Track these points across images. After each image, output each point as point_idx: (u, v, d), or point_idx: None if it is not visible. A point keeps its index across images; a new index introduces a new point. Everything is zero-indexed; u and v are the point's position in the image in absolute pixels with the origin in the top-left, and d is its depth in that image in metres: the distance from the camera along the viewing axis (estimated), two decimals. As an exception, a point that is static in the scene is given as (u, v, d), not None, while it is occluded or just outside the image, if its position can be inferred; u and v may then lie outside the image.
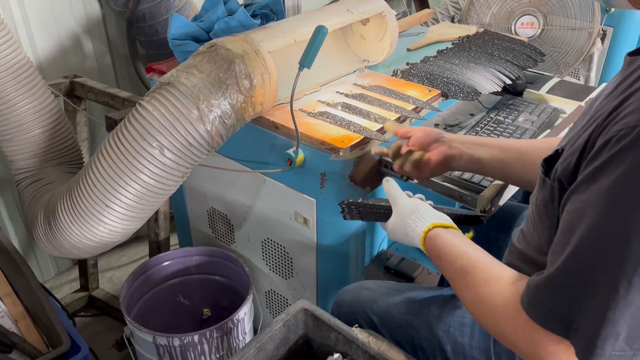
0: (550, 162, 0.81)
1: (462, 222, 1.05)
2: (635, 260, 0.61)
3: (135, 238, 2.27)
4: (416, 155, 1.08)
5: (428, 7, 2.62)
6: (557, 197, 0.77)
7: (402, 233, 0.97)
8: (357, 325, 0.93)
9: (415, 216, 0.95)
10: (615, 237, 0.63)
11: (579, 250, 0.66)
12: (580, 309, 0.65)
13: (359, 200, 1.05)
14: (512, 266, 0.95)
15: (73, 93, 1.72)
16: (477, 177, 1.18)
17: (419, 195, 1.05)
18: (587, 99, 1.50)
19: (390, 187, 1.01)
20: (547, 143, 1.06)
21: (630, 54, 0.76)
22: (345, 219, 1.08)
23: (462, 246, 0.87)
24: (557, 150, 0.80)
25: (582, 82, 2.27)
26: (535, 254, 0.89)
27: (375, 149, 1.18)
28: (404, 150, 1.10)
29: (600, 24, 2.10)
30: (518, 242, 0.97)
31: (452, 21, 2.37)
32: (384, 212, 1.02)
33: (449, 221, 0.94)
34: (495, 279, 0.79)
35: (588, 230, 0.65)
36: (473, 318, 1.02)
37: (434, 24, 2.13)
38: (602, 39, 2.19)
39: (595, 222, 0.64)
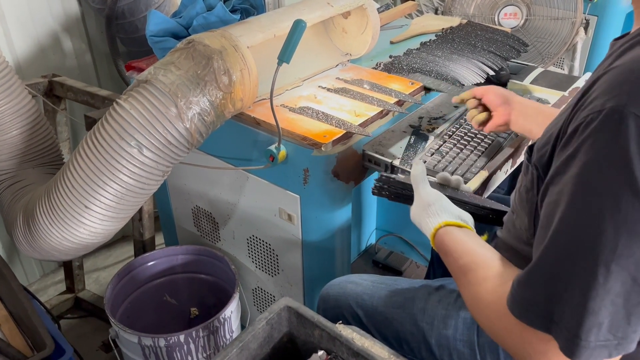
0: (533, 148, 0.81)
1: (487, 219, 1.02)
2: (611, 246, 0.61)
3: (122, 238, 2.25)
4: (480, 116, 1.19)
5: (412, -1, 2.61)
6: (536, 185, 0.77)
7: (418, 223, 0.97)
8: (340, 321, 0.92)
9: (430, 210, 0.94)
10: (588, 225, 0.62)
11: (554, 242, 0.65)
12: (560, 300, 0.65)
13: (395, 178, 1.06)
14: None
15: (52, 92, 1.70)
16: (460, 170, 1.17)
17: (456, 177, 1.07)
18: (570, 88, 1.50)
19: (415, 173, 1.00)
20: None
21: (616, 39, 0.76)
22: (373, 194, 1.09)
23: (469, 244, 0.86)
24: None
25: (566, 71, 2.27)
26: (516, 242, 0.89)
27: (455, 98, 1.25)
28: (471, 106, 1.22)
29: (584, 13, 2.10)
30: (500, 231, 0.97)
31: (436, 13, 2.36)
32: (411, 197, 1.01)
33: (464, 220, 0.92)
34: (493, 277, 0.78)
35: (561, 221, 0.65)
36: (457, 310, 1.02)
37: (418, 15, 2.12)
38: (586, 29, 2.19)
39: (568, 211, 0.64)
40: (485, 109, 1.20)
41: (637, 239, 0.60)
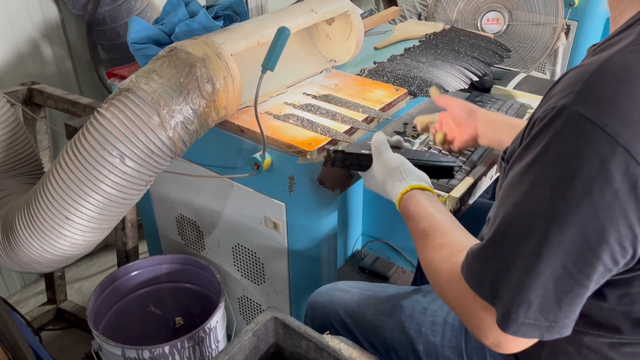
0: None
1: (436, 174, 1.08)
2: (544, 232, 0.65)
3: (105, 247, 2.22)
4: (438, 136, 1.22)
5: (396, 4, 2.62)
6: (505, 177, 0.80)
7: (381, 187, 1.03)
8: (328, 332, 0.91)
9: (396, 175, 0.99)
10: (529, 210, 0.67)
11: (504, 222, 0.70)
12: (503, 277, 0.69)
13: (345, 150, 1.09)
14: None
15: (31, 100, 1.67)
16: (446, 176, 1.17)
17: (396, 137, 1.11)
18: (552, 93, 1.51)
19: (378, 139, 1.06)
20: None
21: (593, 45, 0.78)
22: (325, 166, 1.12)
23: (430, 209, 0.91)
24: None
25: (548, 76, 2.29)
26: None
27: (419, 123, 1.29)
28: (432, 130, 1.26)
29: (565, 19, 2.13)
30: (484, 232, 0.98)
31: (419, 18, 2.37)
32: (366, 164, 1.06)
33: (427, 183, 0.98)
34: (448, 245, 0.84)
35: (509, 205, 0.70)
36: (444, 317, 1.02)
37: (401, 21, 2.12)
38: (567, 34, 2.22)
39: (515, 197, 0.69)
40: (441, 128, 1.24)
41: (566, 229, 0.64)
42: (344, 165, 1.11)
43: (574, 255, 0.65)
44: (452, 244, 0.83)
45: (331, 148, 1.12)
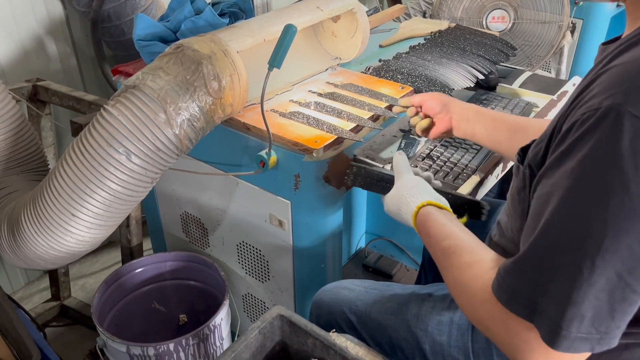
0: (526, 150, 0.81)
1: (462, 209, 1.04)
2: (597, 241, 0.61)
3: (109, 244, 2.22)
4: (423, 123, 1.19)
5: (400, 2, 2.61)
6: (528, 184, 0.78)
7: (397, 207, 0.99)
8: (334, 330, 0.91)
9: (412, 192, 0.96)
10: (577, 218, 0.63)
11: (544, 233, 0.66)
12: (545, 291, 0.66)
13: (368, 167, 1.07)
14: None
15: (36, 97, 1.67)
16: (451, 175, 1.17)
17: (427, 173, 1.07)
18: (559, 92, 1.51)
19: (398, 160, 1.04)
20: (540, 124, 1.09)
21: (604, 43, 0.76)
22: (345, 182, 1.10)
23: (451, 227, 0.87)
24: (533, 141, 0.80)
25: (553, 75, 2.29)
26: (511, 245, 0.89)
27: (395, 107, 1.26)
28: (415, 113, 1.22)
29: (570, 17, 2.12)
30: (494, 235, 0.97)
31: (424, 16, 2.37)
32: (387, 186, 1.03)
33: (445, 203, 0.94)
34: (477, 263, 0.79)
35: (552, 213, 0.66)
36: (450, 316, 1.01)
37: (406, 19, 2.12)
38: (572, 32, 2.21)
39: (559, 205, 0.65)
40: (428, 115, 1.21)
41: (623, 236, 0.61)
42: (365, 184, 1.09)
43: (631, 262, 0.61)
44: (481, 261, 0.79)
45: (353, 164, 1.09)
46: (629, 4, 0.74)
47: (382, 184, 1.05)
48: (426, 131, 1.20)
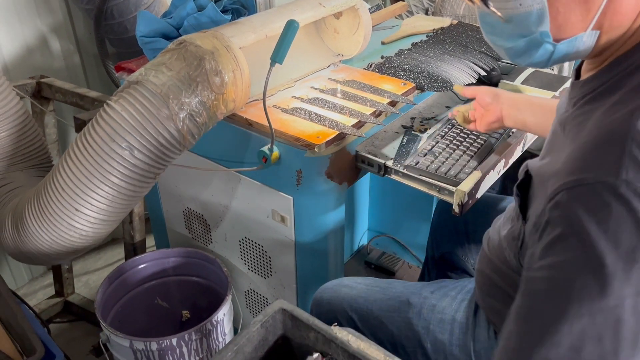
0: (523, 189, 0.80)
1: None
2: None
3: (112, 240, 2.23)
4: (459, 116, 1.25)
5: (402, -1, 2.61)
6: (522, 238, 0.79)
7: None
8: (336, 323, 0.91)
9: None
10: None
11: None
12: None
13: None
14: (483, 274, 0.95)
15: (40, 94, 1.67)
16: (453, 171, 1.17)
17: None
18: (560, 88, 1.51)
19: None
20: None
21: (577, 73, 0.77)
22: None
23: None
24: (527, 172, 0.80)
25: (555, 72, 2.28)
26: (505, 267, 0.89)
27: (460, 89, 1.30)
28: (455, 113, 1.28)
29: (573, 14, 2.11)
30: (488, 248, 0.97)
31: (426, 13, 2.37)
32: None
33: None
34: None
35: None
36: (452, 315, 1.01)
37: (408, 16, 2.12)
38: (575, 29, 2.20)
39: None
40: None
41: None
42: None
43: None
44: None
45: None
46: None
47: None
48: (467, 121, 1.24)
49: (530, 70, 1.64)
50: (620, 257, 0.57)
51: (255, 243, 1.42)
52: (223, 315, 1.37)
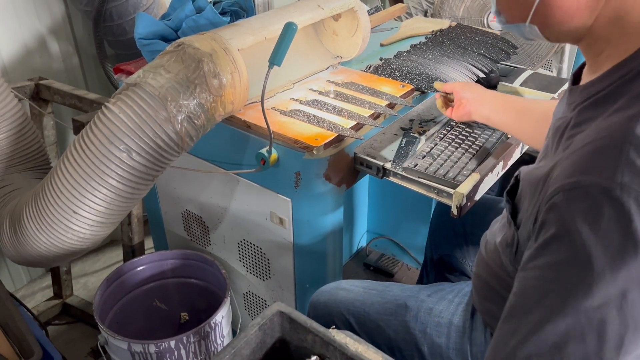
0: (512, 195, 0.81)
1: None
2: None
3: (110, 242, 2.23)
4: (439, 102, 1.32)
5: (401, 1, 2.61)
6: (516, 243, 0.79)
7: None
8: (334, 326, 0.91)
9: None
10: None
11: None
12: None
13: None
14: (480, 278, 0.95)
15: (39, 96, 1.67)
16: (452, 173, 1.17)
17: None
18: (559, 91, 1.51)
19: None
20: (544, 106, 1.13)
21: (574, 78, 0.78)
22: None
23: None
24: (516, 177, 0.80)
25: (554, 74, 2.28)
26: (501, 272, 0.89)
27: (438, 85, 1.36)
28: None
29: (571, 16, 2.11)
30: (485, 252, 0.96)
31: (425, 15, 2.37)
32: None
33: None
34: None
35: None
36: (449, 318, 1.01)
37: (407, 18, 2.12)
38: (574, 31, 2.21)
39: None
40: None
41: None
42: None
43: None
44: None
45: None
46: (584, 46, 0.74)
47: None
48: (445, 107, 1.31)
49: (528, 72, 1.64)
50: (608, 258, 0.58)
51: (254, 245, 1.42)
52: (221, 318, 1.36)
